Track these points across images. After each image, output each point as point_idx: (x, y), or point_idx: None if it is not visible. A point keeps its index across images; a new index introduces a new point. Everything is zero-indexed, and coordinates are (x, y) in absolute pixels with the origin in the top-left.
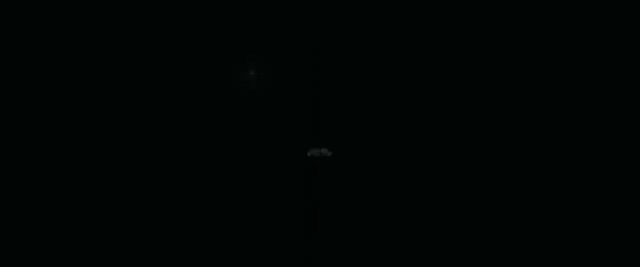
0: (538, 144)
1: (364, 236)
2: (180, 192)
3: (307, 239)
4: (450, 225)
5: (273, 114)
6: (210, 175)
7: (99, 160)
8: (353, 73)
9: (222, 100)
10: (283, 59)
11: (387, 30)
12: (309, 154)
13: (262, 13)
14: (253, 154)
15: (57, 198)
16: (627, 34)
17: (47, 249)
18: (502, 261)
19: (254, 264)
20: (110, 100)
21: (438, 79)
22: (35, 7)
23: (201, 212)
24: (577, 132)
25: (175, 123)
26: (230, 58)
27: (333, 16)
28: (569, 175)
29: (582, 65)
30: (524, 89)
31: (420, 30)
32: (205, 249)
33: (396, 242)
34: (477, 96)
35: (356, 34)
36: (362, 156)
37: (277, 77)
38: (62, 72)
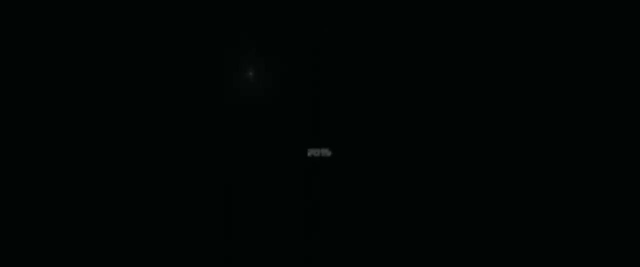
0: (538, 145)
1: (364, 236)
2: (180, 192)
3: (307, 239)
4: (450, 225)
5: (273, 114)
6: (210, 175)
7: (98, 161)
8: (353, 73)
9: (222, 100)
10: (283, 59)
11: (387, 30)
12: (309, 154)
13: (262, 13)
14: (253, 154)
15: (55, 199)
16: (627, 34)
17: (45, 249)
18: (502, 261)
19: (254, 264)
20: (109, 102)
21: (438, 78)
22: (30, 6)
23: (201, 212)
24: (576, 132)
25: (175, 123)
26: (230, 58)
27: (333, 16)
28: (569, 175)
29: (580, 65)
30: (524, 89)
31: (420, 30)
32: (205, 249)
33: (396, 242)
34: (477, 96)
35: (356, 34)
36: (362, 156)
37: (277, 77)
38: (60, 73)
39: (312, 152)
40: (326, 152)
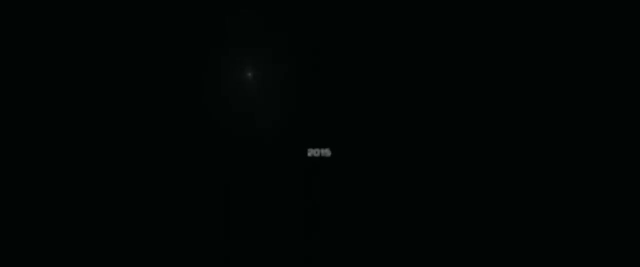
0: (535, 144)
1: (364, 236)
2: (180, 192)
3: (307, 239)
4: (450, 224)
5: (273, 114)
6: (210, 175)
7: (97, 160)
8: (353, 73)
9: (222, 100)
10: (283, 59)
11: (386, 31)
12: (309, 154)
13: (262, 13)
14: (253, 154)
15: (56, 201)
16: (627, 34)
17: (46, 249)
18: (502, 260)
19: (254, 264)
20: (109, 101)
21: (437, 79)
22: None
23: (201, 212)
24: (573, 131)
25: (175, 123)
26: (230, 58)
27: (333, 16)
28: (567, 175)
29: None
30: (522, 89)
31: (420, 30)
32: (205, 249)
33: (396, 242)
34: (476, 96)
35: (356, 34)
36: (362, 156)
37: (277, 77)
38: (60, 74)
39: (312, 152)
40: (326, 152)
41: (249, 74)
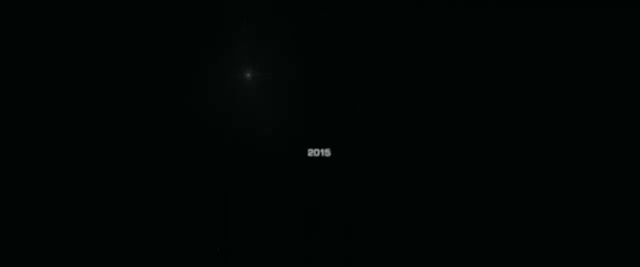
0: (533, 144)
1: (364, 235)
2: (180, 192)
3: (307, 239)
4: (450, 224)
5: (273, 114)
6: (210, 175)
7: (97, 160)
8: (352, 74)
9: (222, 101)
10: (283, 60)
11: (386, 31)
12: (309, 154)
13: (262, 13)
14: (253, 154)
15: (63, 204)
16: (627, 34)
17: (59, 250)
18: (502, 260)
19: (254, 264)
20: (109, 101)
21: (437, 79)
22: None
23: (201, 212)
24: (570, 131)
25: (176, 124)
26: (230, 58)
27: (332, 16)
28: (566, 174)
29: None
30: (520, 89)
31: (420, 31)
32: (205, 248)
33: (395, 241)
34: (476, 97)
35: (356, 35)
36: (362, 156)
37: (276, 77)
38: (60, 73)
39: (312, 152)
40: (326, 152)
41: (249, 75)
